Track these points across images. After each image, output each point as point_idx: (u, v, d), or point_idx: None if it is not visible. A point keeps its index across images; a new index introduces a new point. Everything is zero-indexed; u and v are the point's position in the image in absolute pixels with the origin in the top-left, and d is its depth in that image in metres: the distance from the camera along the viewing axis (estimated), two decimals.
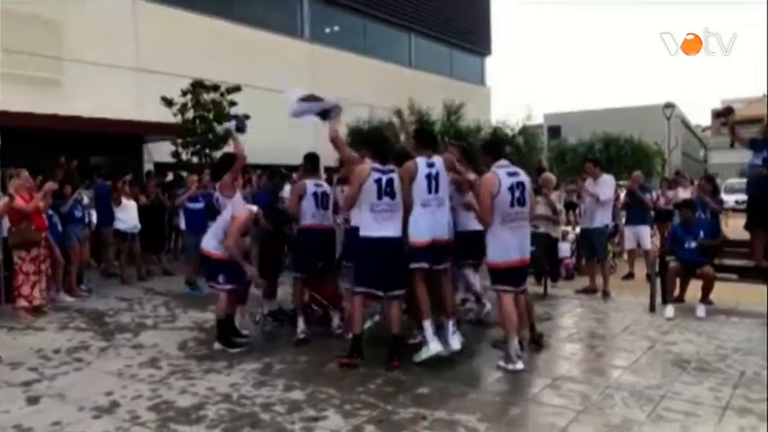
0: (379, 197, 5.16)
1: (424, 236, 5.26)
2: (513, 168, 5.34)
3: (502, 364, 5.15)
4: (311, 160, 6.42)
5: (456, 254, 5.84)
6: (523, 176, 5.32)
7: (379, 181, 5.17)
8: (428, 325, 5.27)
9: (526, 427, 4.01)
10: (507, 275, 5.22)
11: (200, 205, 9.33)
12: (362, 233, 5.24)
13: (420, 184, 5.27)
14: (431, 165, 5.33)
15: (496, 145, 6.19)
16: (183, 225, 9.44)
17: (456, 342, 5.46)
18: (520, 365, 5.08)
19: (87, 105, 12.33)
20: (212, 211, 6.66)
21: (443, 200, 5.40)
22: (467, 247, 6.02)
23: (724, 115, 7.20)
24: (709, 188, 8.23)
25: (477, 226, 5.56)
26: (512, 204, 5.15)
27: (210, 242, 5.95)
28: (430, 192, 5.28)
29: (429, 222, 5.28)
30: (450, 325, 5.49)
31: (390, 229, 5.19)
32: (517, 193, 5.17)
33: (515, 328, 5.19)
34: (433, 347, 5.21)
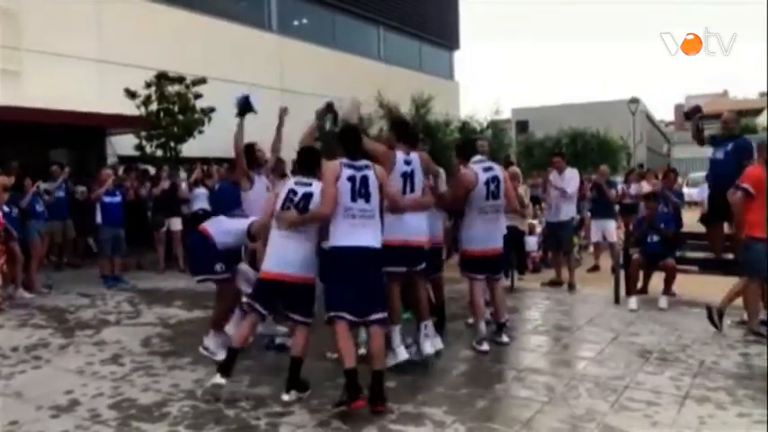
0: (353, 199, 4.26)
1: (398, 236, 4.87)
2: (489, 163, 5.70)
3: (475, 345, 5.54)
4: (301, 155, 4.89)
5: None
6: (498, 171, 5.68)
7: (352, 179, 4.27)
8: (396, 331, 4.98)
9: (492, 418, 4.02)
10: (482, 264, 5.61)
11: (117, 199, 9.21)
12: (332, 243, 4.32)
13: (396, 181, 4.88)
14: (408, 162, 5.02)
15: (467, 145, 6.24)
16: (99, 219, 9.21)
17: (428, 346, 5.13)
18: (486, 347, 5.48)
19: (47, 97, 11.99)
20: (219, 203, 6.56)
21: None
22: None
23: (693, 114, 7.32)
24: (674, 181, 8.38)
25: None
26: (487, 197, 5.52)
27: (220, 228, 5.37)
28: (405, 191, 4.95)
29: (402, 223, 4.90)
30: (423, 328, 5.17)
31: (366, 238, 4.26)
32: (492, 187, 5.54)
33: (482, 312, 5.66)
34: (400, 354, 4.93)
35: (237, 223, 5.30)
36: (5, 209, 7.88)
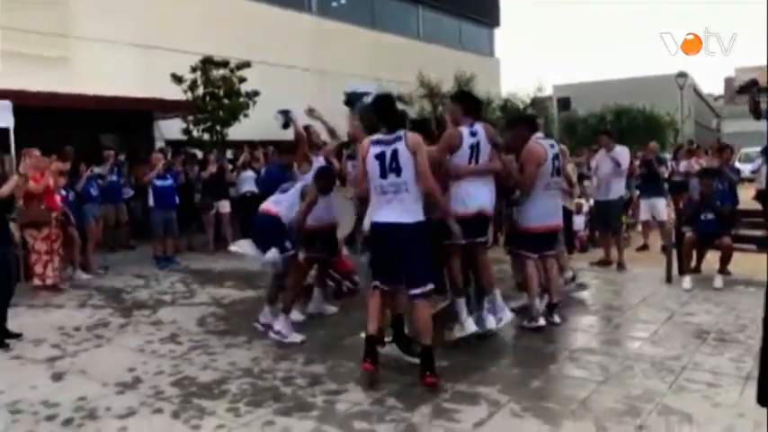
0: (383, 175, 4.26)
1: (468, 207, 4.95)
2: (551, 140, 5.82)
3: (526, 324, 5.51)
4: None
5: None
6: (558, 149, 5.82)
7: (381, 156, 4.27)
8: (461, 303, 5.05)
9: (547, 398, 4.02)
10: (540, 240, 5.65)
11: (168, 182, 9.37)
12: (371, 218, 4.49)
13: (463, 153, 4.93)
14: (473, 134, 4.99)
15: (530, 122, 6.21)
16: (151, 202, 9.44)
17: (491, 320, 5.15)
18: (542, 322, 5.49)
19: (96, 83, 12.27)
20: (267, 186, 6.85)
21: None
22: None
23: (749, 88, 7.08)
24: (730, 156, 8.13)
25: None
26: (552, 174, 5.58)
27: (284, 205, 5.50)
28: (470, 163, 4.96)
29: (472, 193, 4.96)
30: (486, 302, 5.22)
31: (398, 214, 4.25)
32: (557, 163, 5.64)
33: (537, 290, 5.63)
34: (468, 327, 4.97)
35: (294, 196, 5.46)
36: (63, 193, 8.14)
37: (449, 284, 5.26)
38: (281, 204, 5.46)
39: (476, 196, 4.98)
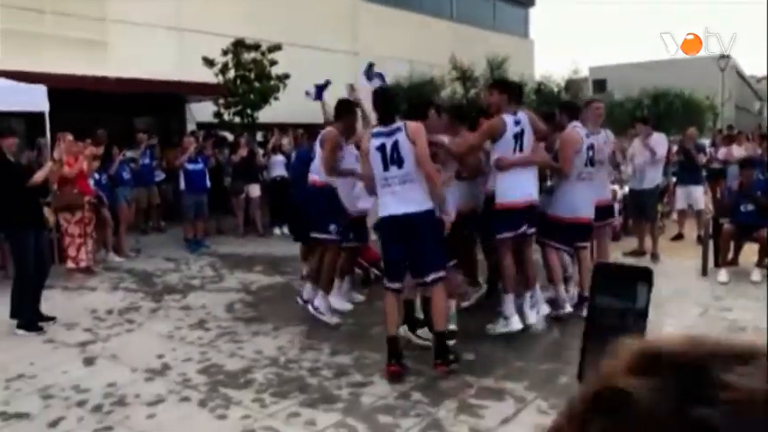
0: (386, 168, 4.24)
1: (517, 198, 4.88)
2: (588, 130, 5.59)
3: (553, 313, 5.40)
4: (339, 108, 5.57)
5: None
6: (594, 139, 5.60)
7: (382, 148, 4.23)
8: (509, 299, 5.00)
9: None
10: (570, 231, 5.49)
11: (200, 166, 9.42)
12: (379, 212, 4.48)
13: (507, 143, 4.86)
14: (517, 122, 4.91)
15: (572, 109, 6.10)
16: (182, 186, 9.52)
17: (533, 315, 5.15)
18: (569, 309, 5.39)
19: (130, 66, 12.39)
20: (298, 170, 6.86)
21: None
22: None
23: None
24: None
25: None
26: (586, 164, 5.46)
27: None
28: (515, 151, 4.90)
29: (520, 183, 4.89)
30: (528, 297, 5.20)
31: (407, 205, 4.23)
32: (591, 154, 5.48)
33: (560, 277, 5.55)
34: (513, 323, 4.94)
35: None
36: (96, 176, 8.26)
37: (501, 279, 5.21)
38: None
39: (524, 186, 4.92)
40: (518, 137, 4.89)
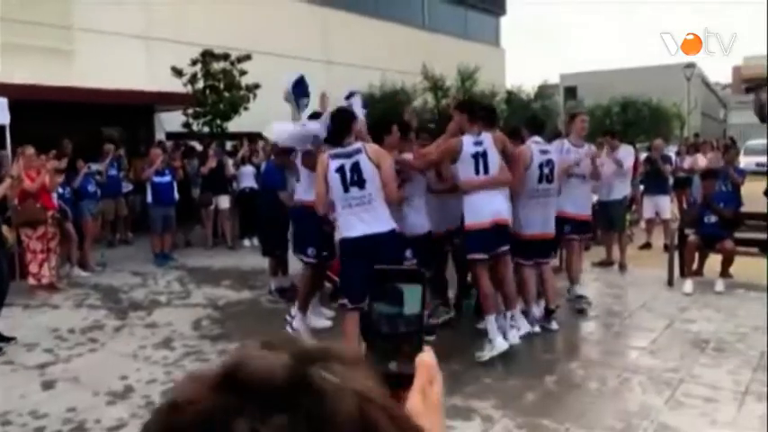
0: (346, 189, 4.24)
1: (485, 217, 4.84)
2: (546, 146, 5.58)
3: (524, 328, 5.34)
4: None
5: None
6: (553, 155, 5.56)
7: (341, 170, 4.22)
8: (491, 321, 4.88)
9: (542, 413, 3.95)
10: (528, 247, 5.45)
11: (167, 179, 9.31)
12: (341, 234, 4.44)
13: (467, 163, 4.87)
14: (478, 143, 4.90)
15: (537, 122, 6.17)
16: (149, 198, 9.39)
17: (514, 334, 5.05)
18: (537, 329, 5.48)
19: (98, 75, 12.20)
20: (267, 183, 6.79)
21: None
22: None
23: (756, 89, 6.97)
24: (734, 156, 8.00)
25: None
26: (539, 180, 5.39)
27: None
28: (478, 172, 4.87)
29: (487, 202, 4.87)
30: (509, 317, 5.12)
31: (369, 225, 4.24)
32: (546, 170, 5.41)
33: (533, 296, 5.61)
34: (499, 345, 4.83)
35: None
36: (60, 190, 8.09)
37: (481, 301, 5.17)
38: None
39: (488, 205, 4.88)
40: (478, 157, 4.86)
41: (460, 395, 4.23)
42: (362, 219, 4.24)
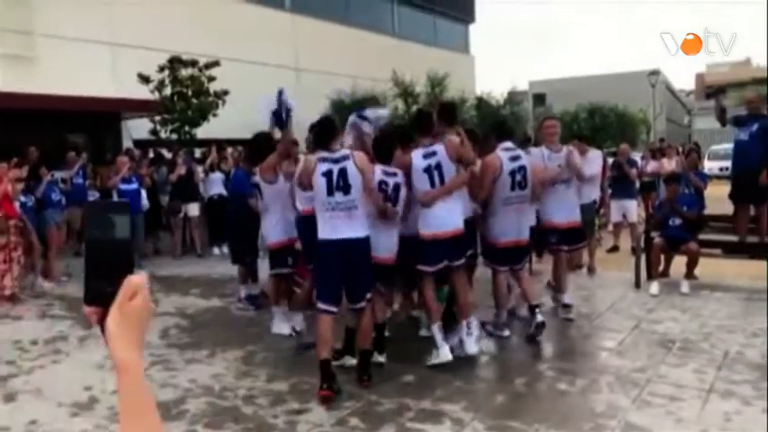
0: (330, 193, 4.30)
1: (439, 228, 4.82)
2: (516, 152, 5.43)
3: (490, 328, 5.57)
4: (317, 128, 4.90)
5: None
6: (525, 160, 5.43)
7: (328, 174, 4.30)
8: (436, 329, 4.87)
9: (511, 415, 3.97)
10: (503, 254, 5.44)
11: (133, 186, 9.21)
12: (318, 236, 4.42)
13: (419, 177, 4.85)
14: (428, 155, 4.84)
15: (501, 129, 5.95)
16: None
17: (472, 345, 4.99)
18: (507, 333, 5.54)
19: (62, 82, 12.00)
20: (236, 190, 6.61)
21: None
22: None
23: (716, 95, 7.12)
24: (696, 161, 8.17)
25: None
26: (512, 188, 5.29)
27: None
28: (433, 185, 4.83)
29: (443, 214, 4.85)
30: (465, 326, 5.01)
31: (348, 230, 4.33)
32: (518, 177, 5.30)
33: (506, 302, 5.70)
34: (443, 355, 4.78)
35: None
36: (22, 199, 7.90)
37: (425, 310, 5.20)
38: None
39: (447, 218, 4.83)
40: (430, 170, 4.81)
41: (430, 399, 4.23)
42: (343, 223, 4.31)
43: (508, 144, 5.49)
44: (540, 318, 5.41)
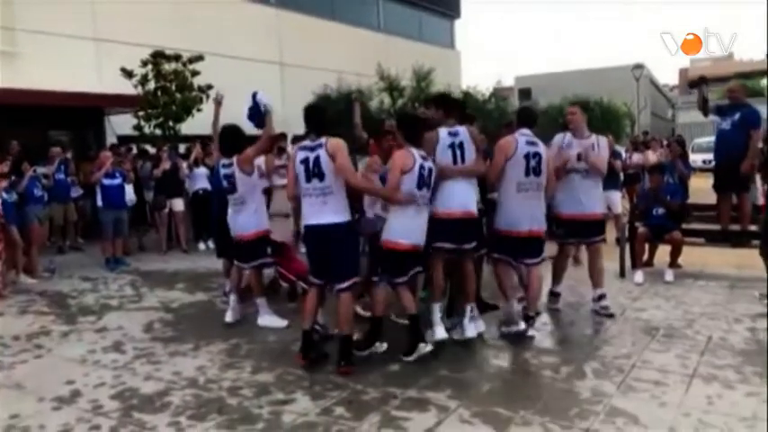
0: (308, 180, 4.54)
1: (454, 207, 4.86)
2: (534, 139, 5.21)
3: (504, 329, 5.27)
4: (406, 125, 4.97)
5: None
6: (542, 149, 5.19)
7: (305, 161, 4.55)
8: (436, 308, 4.98)
9: (497, 402, 3.97)
10: (512, 244, 5.22)
11: (117, 181, 9.12)
12: (304, 222, 4.70)
13: (444, 153, 4.88)
14: (454, 134, 4.94)
15: (527, 114, 5.55)
16: (99, 202, 9.17)
17: (472, 329, 5.05)
18: (522, 326, 5.16)
19: (45, 78, 11.85)
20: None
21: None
22: None
23: (697, 84, 7.16)
24: (680, 151, 8.24)
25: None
26: (526, 173, 5.09)
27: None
28: (455, 162, 4.89)
29: (457, 193, 4.89)
30: (468, 310, 5.08)
31: (327, 215, 4.53)
32: (533, 162, 5.09)
33: (515, 293, 5.46)
34: (438, 333, 4.90)
35: None
36: (4, 195, 7.80)
37: (429, 285, 5.19)
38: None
39: (458, 196, 4.88)
40: (455, 147, 4.89)
41: (416, 387, 4.22)
42: (320, 209, 4.54)
43: (525, 130, 5.25)
44: (531, 332, 5.19)
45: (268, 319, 5.82)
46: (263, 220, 5.81)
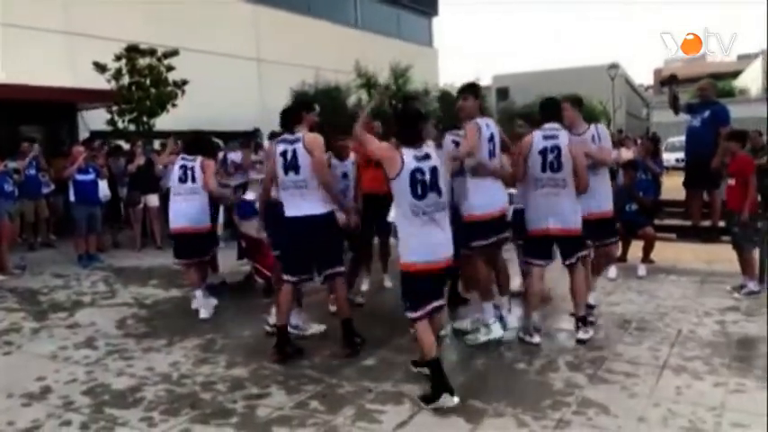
0: (285, 172, 4.64)
1: (496, 208, 4.90)
2: (553, 132, 4.81)
3: (521, 335, 5.05)
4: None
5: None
6: (561, 141, 4.75)
7: (284, 154, 4.65)
8: (489, 307, 4.99)
9: (471, 395, 3.99)
10: (533, 245, 5.00)
11: (90, 176, 9.01)
12: (285, 214, 4.73)
13: (483, 146, 4.82)
14: (488, 125, 4.93)
15: (548, 106, 5.06)
16: (72, 197, 9.06)
17: (513, 319, 5.28)
18: (537, 339, 4.92)
19: (15, 72, 11.64)
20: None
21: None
22: None
23: (669, 83, 7.27)
24: (652, 149, 8.35)
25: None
26: (543, 169, 4.77)
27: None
28: (490, 156, 4.86)
29: (494, 193, 4.91)
30: (506, 302, 5.27)
31: (305, 207, 4.62)
32: (550, 157, 4.74)
33: (537, 305, 5.20)
34: (495, 330, 4.95)
35: None
36: None
37: (479, 288, 5.15)
38: None
39: (499, 196, 4.98)
40: (491, 140, 4.90)
41: (391, 381, 4.24)
42: (298, 201, 4.64)
43: (549, 124, 4.87)
44: (581, 335, 4.93)
45: (201, 303, 5.99)
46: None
